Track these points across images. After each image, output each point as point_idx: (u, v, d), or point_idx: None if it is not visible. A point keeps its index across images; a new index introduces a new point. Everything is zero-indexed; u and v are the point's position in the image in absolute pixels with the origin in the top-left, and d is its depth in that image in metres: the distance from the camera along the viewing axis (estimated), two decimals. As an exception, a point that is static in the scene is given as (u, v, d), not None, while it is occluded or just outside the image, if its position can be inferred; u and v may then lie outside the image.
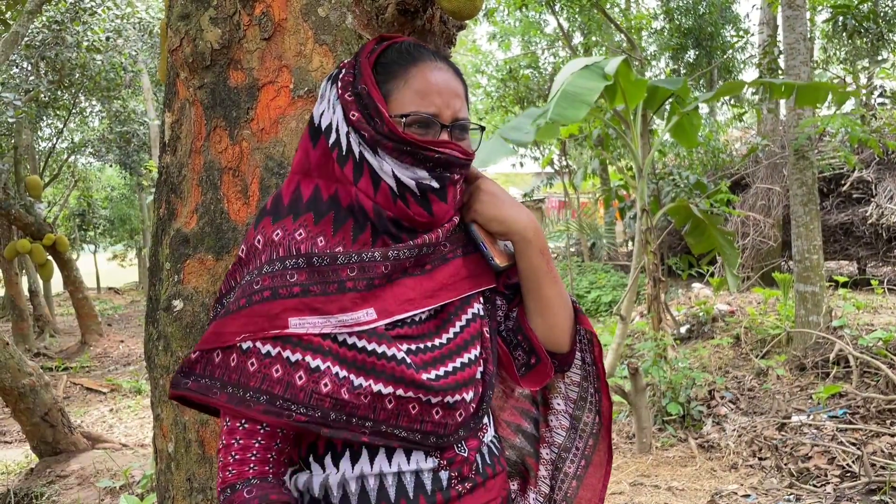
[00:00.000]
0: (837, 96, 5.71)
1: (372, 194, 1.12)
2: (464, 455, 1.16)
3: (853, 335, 6.05)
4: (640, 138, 6.51)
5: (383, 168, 1.11)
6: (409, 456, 1.12)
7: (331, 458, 1.13)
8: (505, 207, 1.22)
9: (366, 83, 1.13)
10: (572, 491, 1.35)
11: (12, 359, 5.40)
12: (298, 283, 1.08)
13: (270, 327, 1.07)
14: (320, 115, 1.17)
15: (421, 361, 1.11)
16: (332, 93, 1.16)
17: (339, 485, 1.12)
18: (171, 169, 1.53)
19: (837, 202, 10.77)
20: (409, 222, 1.14)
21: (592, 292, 11.74)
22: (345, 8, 1.45)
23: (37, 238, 10.47)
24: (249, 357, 1.07)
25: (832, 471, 4.19)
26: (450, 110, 1.15)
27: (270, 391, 1.05)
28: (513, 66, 13.44)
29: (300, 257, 1.10)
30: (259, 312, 1.07)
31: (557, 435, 1.38)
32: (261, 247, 1.13)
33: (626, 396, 4.99)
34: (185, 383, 1.11)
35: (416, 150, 1.10)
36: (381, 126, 1.10)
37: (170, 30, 1.50)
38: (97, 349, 11.52)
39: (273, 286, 1.08)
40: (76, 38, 9.79)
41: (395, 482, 1.11)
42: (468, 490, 1.16)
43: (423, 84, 1.14)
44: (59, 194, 19.34)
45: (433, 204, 1.13)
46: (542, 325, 1.28)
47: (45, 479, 5.27)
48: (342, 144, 1.14)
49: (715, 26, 13.81)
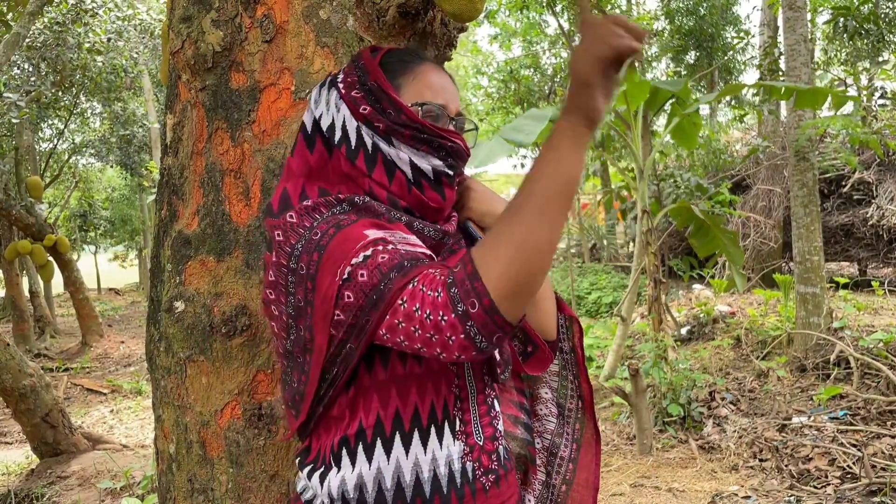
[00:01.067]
0: (836, 100, 5.71)
1: (387, 184, 1.16)
2: (481, 444, 1.17)
3: (854, 336, 6.05)
4: (641, 139, 6.52)
5: (400, 156, 1.16)
6: (441, 439, 1.13)
7: (363, 450, 1.12)
8: (496, 203, 1.30)
9: (376, 78, 1.17)
10: (570, 474, 1.41)
11: (13, 359, 5.40)
12: (353, 218, 1.10)
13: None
14: (318, 119, 1.20)
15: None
16: (333, 95, 1.20)
17: (374, 481, 1.11)
18: (172, 171, 1.53)
19: (838, 203, 10.76)
20: (421, 210, 1.19)
21: (593, 293, 11.72)
22: (346, 10, 1.45)
23: (37, 239, 10.48)
24: (378, 245, 1.06)
25: (833, 472, 4.19)
26: (454, 105, 1.24)
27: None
28: (513, 67, 13.44)
29: (343, 202, 1.13)
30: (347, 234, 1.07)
31: (549, 422, 1.42)
32: (296, 219, 1.12)
33: (627, 398, 4.99)
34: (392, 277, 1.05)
35: (432, 138, 1.16)
36: (397, 116, 1.15)
37: (171, 32, 1.50)
38: (98, 350, 11.53)
39: (335, 223, 1.09)
40: (77, 39, 9.80)
41: (430, 476, 1.12)
42: (493, 482, 1.17)
43: (431, 79, 1.22)
44: (59, 195, 19.35)
45: (446, 189, 1.20)
46: (534, 315, 1.33)
47: (45, 480, 5.28)
48: (351, 139, 1.17)
49: (715, 28, 13.81)
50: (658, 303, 6.20)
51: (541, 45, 15.01)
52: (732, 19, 14.69)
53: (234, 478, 1.44)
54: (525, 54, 14.72)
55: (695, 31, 13.81)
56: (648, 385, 5.34)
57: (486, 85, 15.74)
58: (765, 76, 9.18)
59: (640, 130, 6.44)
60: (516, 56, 15.17)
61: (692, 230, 6.59)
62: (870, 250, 10.68)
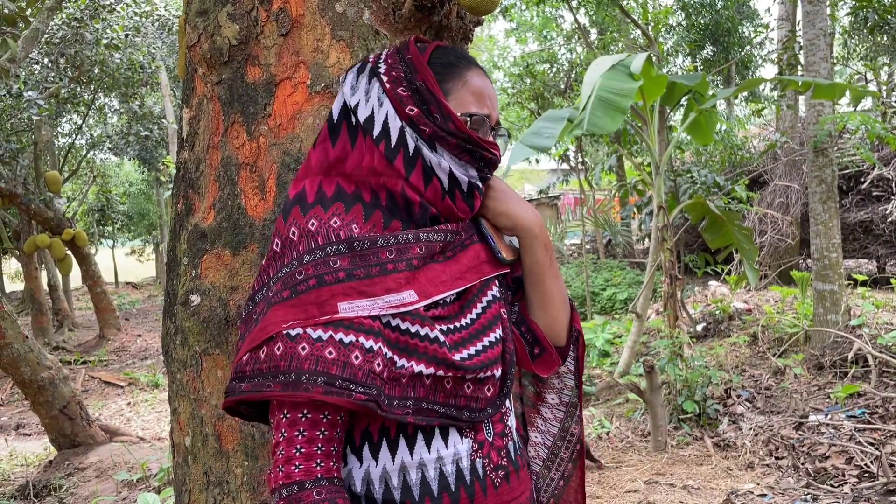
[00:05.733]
0: (855, 94, 5.66)
1: (422, 189, 1.15)
2: (490, 440, 1.18)
3: (872, 334, 5.99)
4: (658, 135, 6.48)
5: (441, 165, 1.15)
6: (446, 439, 1.14)
7: (369, 450, 1.13)
8: (513, 204, 1.28)
9: (425, 78, 1.15)
10: (569, 471, 1.44)
11: (32, 352, 5.46)
12: (343, 268, 1.09)
13: (321, 314, 1.06)
14: (353, 107, 1.17)
15: (452, 342, 1.14)
16: (375, 87, 1.16)
17: (380, 478, 1.12)
18: (188, 164, 1.54)
19: (857, 200, 10.65)
20: (448, 217, 1.19)
21: (608, 290, 11.66)
22: (362, 4, 1.45)
23: (56, 233, 10.59)
24: (299, 342, 1.05)
25: (850, 471, 4.15)
26: (495, 114, 1.24)
27: (328, 372, 1.03)
28: (529, 62, 13.38)
29: (341, 243, 1.11)
30: (307, 301, 1.07)
31: (552, 426, 1.43)
32: (296, 238, 1.13)
33: (642, 394, 4.97)
34: (239, 388, 1.08)
35: (476, 149, 1.15)
36: (444, 123, 1.13)
37: (188, 26, 1.51)
38: (115, 343, 11.64)
39: (318, 274, 1.09)
40: (95, 35, 9.87)
41: (436, 475, 1.13)
42: (502, 478, 1.18)
43: (479, 87, 1.21)
44: (77, 190, 19.52)
45: (475, 200, 1.20)
46: (543, 319, 1.34)
47: (63, 472, 5.34)
48: (391, 137, 1.14)
49: (732, 22, 13.69)
50: (673, 299, 6.17)
51: (556, 41, 14.95)
52: (749, 14, 14.56)
53: (250, 471, 1.45)
54: (541, 49, 14.66)
55: (711, 26, 13.69)
56: (663, 382, 5.31)
57: (502, 80, 15.68)
58: (783, 71, 9.10)
59: (656, 125, 6.41)
60: (532, 51, 15.12)
61: (706, 224, 6.57)
62: (889, 247, 10.57)
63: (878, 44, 12.12)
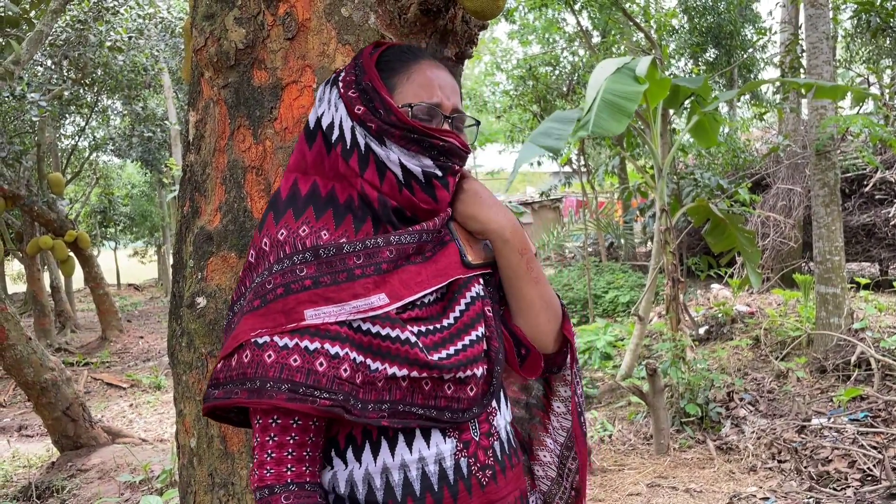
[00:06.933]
0: (857, 95, 5.67)
1: (378, 184, 1.17)
2: (477, 440, 1.18)
3: (875, 338, 5.98)
4: (660, 137, 6.48)
5: (390, 157, 1.16)
6: (427, 440, 1.14)
7: (352, 453, 1.14)
8: (483, 207, 1.26)
9: (370, 78, 1.18)
10: (577, 483, 1.41)
11: (34, 354, 5.47)
12: (309, 276, 1.11)
13: (287, 322, 1.08)
14: (320, 116, 1.21)
15: (430, 343, 1.14)
16: (333, 94, 1.21)
17: (363, 480, 1.13)
18: (195, 167, 1.55)
19: (859, 203, 10.64)
20: (413, 211, 1.19)
21: (610, 292, 11.65)
22: (368, 8, 1.45)
23: (59, 234, 10.61)
24: (266, 350, 1.07)
25: (853, 474, 4.15)
26: (450, 102, 1.22)
27: (292, 379, 1.06)
28: (532, 64, 13.38)
29: (307, 251, 1.13)
30: (275, 310, 1.09)
31: (565, 420, 1.42)
32: (268, 249, 1.16)
33: (644, 397, 4.97)
34: (213, 394, 1.12)
35: (422, 138, 1.16)
36: (387, 116, 1.15)
37: (195, 29, 1.51)
38: (117, 345, 11.65)
39: (285, 283, 1.11)
40: (99, 37, 9.89)
41: (418, 475, 1.13)
42: (489, 478, 1.18)
43: (426, 77, 1.21)
44: (80, 191, 19.54)
45: (437, 191, 1.19)
46: (524, 325, 1.33)
47: (66, 473, 5.34)
48: (346, 139, 1.17)
49: (734, 25, 13.69)
50: (676, 302, 6.16)
51: (559, 44, 14.94)
52: (752, 17, 14.54)
53: (255, 472, 1.45)
54: (544, 52, 14.66)
55: (713, 29, 13.69)
56: (666, 385, 5.30)
57: (504, 83, 15.69)
58: (786, 74, 9.09)
59: (659, 128, 6.40)
60: (535, 54, 15.12)
61: (708, 227, 6.56)
62: (891, 250, 10.55)
63: (881, 47, 12.12)
